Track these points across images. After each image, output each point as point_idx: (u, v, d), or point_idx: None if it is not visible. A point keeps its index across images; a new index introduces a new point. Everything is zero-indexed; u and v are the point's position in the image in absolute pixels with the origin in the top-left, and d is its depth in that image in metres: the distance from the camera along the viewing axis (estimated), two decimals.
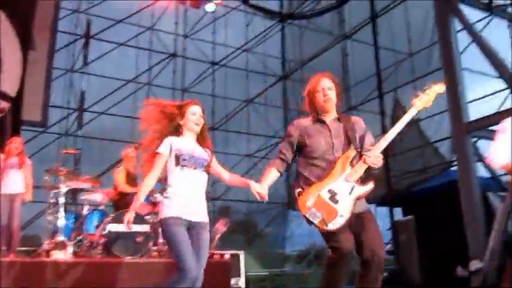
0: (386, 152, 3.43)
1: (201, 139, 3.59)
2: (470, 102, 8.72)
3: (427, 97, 3.25)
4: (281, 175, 3.47)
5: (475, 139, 8.22)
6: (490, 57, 8.11)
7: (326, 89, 3.32)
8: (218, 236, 7.66)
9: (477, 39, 8.47)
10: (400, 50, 12.05)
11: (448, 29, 8.76)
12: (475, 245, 7.23)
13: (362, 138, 3.33)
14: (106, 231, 5.79)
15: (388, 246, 9.57)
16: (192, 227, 3.36)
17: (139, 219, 5.81)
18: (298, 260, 15.08)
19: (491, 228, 5.96)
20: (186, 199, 3.37)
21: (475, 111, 8.29)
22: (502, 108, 8.54)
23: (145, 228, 5.99)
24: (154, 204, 6.22)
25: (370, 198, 3.29)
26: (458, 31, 8.83)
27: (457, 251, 7.50)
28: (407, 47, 11.97)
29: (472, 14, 9.02)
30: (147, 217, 6.19)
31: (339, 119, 3.37)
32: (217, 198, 13.23)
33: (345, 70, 13.20)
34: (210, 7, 13.63)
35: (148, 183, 3.47)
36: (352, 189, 3.16)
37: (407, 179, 11.26)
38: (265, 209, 13.75)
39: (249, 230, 14.95)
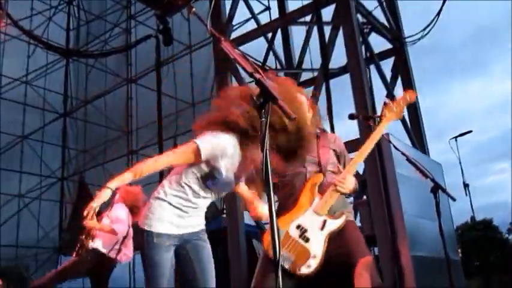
0: None
1: None
2: None
3: (399, 107, 2.85)
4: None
5: None
6: None
7: None
8: None
9: None
10: (183, 99, 12.63)
11: (226, 85, 9.57)
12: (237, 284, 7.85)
13: None
14: None
15: None
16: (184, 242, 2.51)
17: None
18: None
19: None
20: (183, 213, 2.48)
21: None
22: None
23: None
24: None
25: None
26: None
27: None
28: (190, 97, 12.61)
29: None
30: None
31: None
32: None
33: (128, 113, 13.27)
34: None
35: (153, 164, 2.34)
36: (323, 223, 2.63)
37: None
38: (34, 254, 12.66)
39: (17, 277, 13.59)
